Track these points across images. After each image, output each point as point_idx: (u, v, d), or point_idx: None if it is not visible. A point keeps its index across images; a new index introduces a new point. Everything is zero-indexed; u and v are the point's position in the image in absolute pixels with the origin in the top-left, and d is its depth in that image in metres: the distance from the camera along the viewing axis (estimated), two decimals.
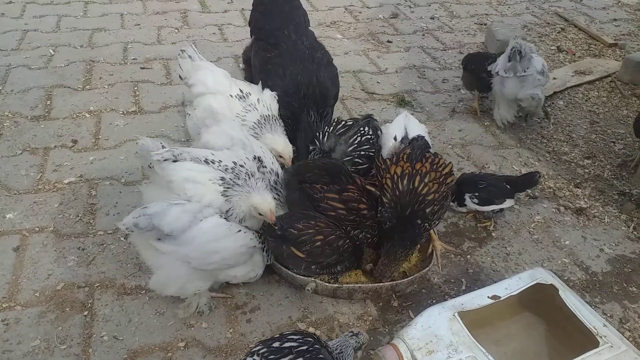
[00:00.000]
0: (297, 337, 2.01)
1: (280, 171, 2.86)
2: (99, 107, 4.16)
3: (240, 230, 2.49)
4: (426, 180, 2.67)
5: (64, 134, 3.82)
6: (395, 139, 3.10)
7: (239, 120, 3.01)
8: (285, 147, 3.02)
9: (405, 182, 2.66)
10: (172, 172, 2.51)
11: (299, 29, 3.62)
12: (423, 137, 3.07)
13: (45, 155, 3.59)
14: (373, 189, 2.80)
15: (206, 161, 2.58)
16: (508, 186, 3.22)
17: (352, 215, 2.71)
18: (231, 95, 3.07)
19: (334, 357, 2.04)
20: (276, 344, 1.98)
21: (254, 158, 2.72)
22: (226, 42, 5.35)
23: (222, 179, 2.53)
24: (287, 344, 1.97)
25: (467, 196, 3.19)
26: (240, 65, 4.55)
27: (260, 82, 3.28)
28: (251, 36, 3.89)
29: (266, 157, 2.81)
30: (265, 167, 2.77)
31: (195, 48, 3.22)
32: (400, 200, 2.65)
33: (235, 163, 2.59)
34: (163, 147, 2.58)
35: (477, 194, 3.17)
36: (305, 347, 1.96)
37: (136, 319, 2.56)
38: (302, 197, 2.78)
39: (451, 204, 3.21)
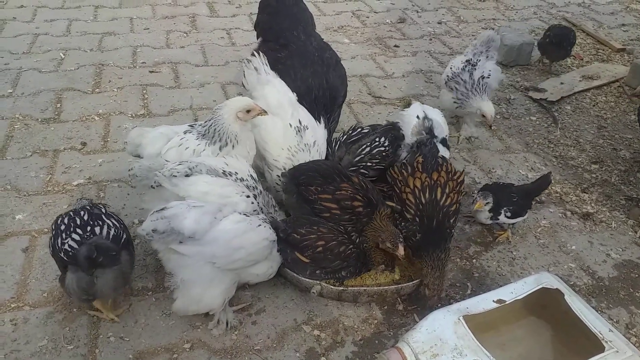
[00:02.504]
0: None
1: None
2: (108, 110, 4.20)
3: (260, 225, 2.49)
4: (447, 191, 2.72)
5: (73, 136, 3.87)
6: (417, 117, 3.25)
7: (289, 154, 2.96)
8: None
9: (427, 195, 2.71)
10: (188, 188, 2.48)
11: (307, 29, 3.67)
12: (431, 139, 3.11)
13: (54, 158, 3.63)
14: (393, 204, 2.81)
15: (224, 173, 2.59)
16: (530, 195, 3.23)
17: (347, 214, 2.71)
18: (290, 125, 3.00)
19: None
20: None
21: (189, 126, 2.83)
22: (234, 47, 5.39)
23: (247, 194, 2.59)
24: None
25: (503, 210, 3.08)
26: None
27: None
28: (257, 38, 3.91)
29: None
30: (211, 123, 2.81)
31: (263, 58, 3.15)
32: (425, 213, 2.69)
33: (251, 177, 2.67)
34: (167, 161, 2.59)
35: (511, 207, 3.09)
36: None
37: (142, 320, 2.58)
38: (300, 200, 2.79)
39: (483, 214, 3.13)
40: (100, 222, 2.40)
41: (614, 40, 5.86)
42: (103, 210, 2.50)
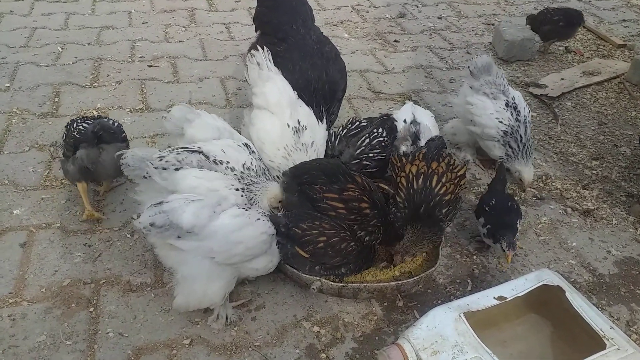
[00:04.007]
0: None
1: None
2: (106, 105, 4.17)
3: (259, 219, 2.48)
4: (443, 180, 2.66)
5: None
6: (405, 121, 3.17)
7: (285, 153, 2.94)
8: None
9: (420, 181, 2.66)
10: (176, 182, 2.47)
11: (306, 23, 3.64)
12: (441, 137, 3.08)
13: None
14: (387, 187, 2.78)
15: (215, 162, 2.58)
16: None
17: (352, 214, 2.68)
18: (288, 125, 2.99)
19: None
20: None
21: (244, 144, 2.80)
22: (233, 41, 5.36)
23: (236, 187, 2.59)
24: None
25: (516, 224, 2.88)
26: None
27: None
28: (256, 31, 3.88)
29: (250, 143, 2.91)
30: (254, 152, 2.85)
31: (267, 53, 3.13)
32: (415, 198, 2.64)
33: (243, 166, 2.66)
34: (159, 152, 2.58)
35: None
36: None
37: (141, 315, 2.57)
38: (302, 199, 2.76)
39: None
40: (107, 118, 3.05)
41: (615, 36, 5.84)
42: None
